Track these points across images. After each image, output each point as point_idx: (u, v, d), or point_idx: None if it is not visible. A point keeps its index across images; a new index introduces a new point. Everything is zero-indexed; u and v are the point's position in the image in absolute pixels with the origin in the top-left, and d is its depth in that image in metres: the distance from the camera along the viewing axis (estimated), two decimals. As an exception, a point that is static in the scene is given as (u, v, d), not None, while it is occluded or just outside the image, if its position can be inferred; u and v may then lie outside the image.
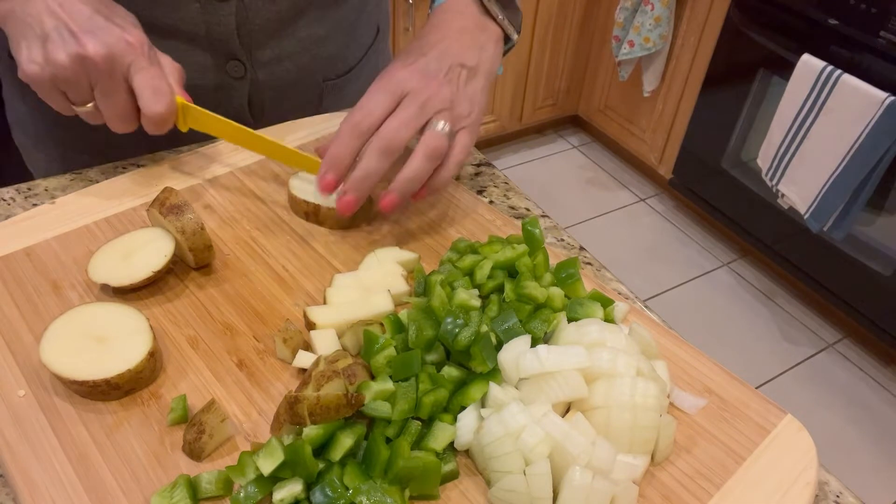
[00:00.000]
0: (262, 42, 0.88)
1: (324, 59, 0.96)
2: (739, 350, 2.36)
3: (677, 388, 0.60)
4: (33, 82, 0.67)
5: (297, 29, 0.90)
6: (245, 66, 0.89)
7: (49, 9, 0.66)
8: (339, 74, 1.00)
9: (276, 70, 0.92)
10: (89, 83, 0.68)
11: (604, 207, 2.94)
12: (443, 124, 0.70)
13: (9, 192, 0.80)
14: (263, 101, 0.94)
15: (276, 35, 0.89)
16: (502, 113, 2.98)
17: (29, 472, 0.52)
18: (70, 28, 0.66)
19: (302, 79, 0.95)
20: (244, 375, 0.60)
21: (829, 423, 2.15)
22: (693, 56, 2.54)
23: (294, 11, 0.88)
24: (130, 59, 0.68)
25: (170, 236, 0.67)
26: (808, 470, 0.55)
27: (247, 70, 0.89)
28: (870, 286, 2.17)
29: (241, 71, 0.89)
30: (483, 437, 0.52)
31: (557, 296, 0.63)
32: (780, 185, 2.21)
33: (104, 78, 0.67)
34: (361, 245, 0.74)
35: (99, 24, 0.67)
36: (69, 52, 0.65)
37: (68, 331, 0.58)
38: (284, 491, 0.49)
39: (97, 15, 0.67)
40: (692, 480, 0.54)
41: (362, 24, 1.00)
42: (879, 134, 1.88)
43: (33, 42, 0.66)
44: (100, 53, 0.66)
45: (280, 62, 0.91)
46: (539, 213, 0.83)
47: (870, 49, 1.94)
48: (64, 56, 0.65)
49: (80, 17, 0.66)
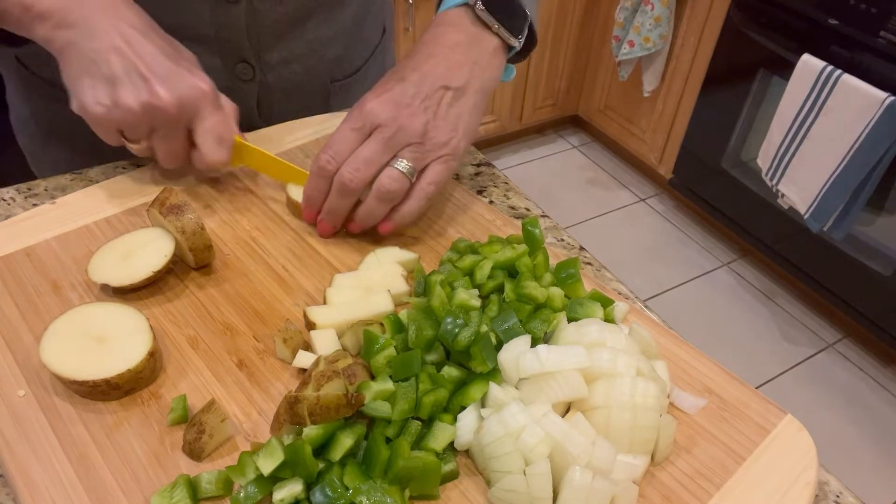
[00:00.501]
0: (270, 44, 0.88)
1: (331, 60, 0.96)
2: (739, 350, 2.36)
3: (677, 388, 0.60)
4: (95, 122, 0.68)
5: (305, 31, 0.90)
6: (254, 69, 0.89)
7: (116, 48, 0.65)
8: (346, 75, 1.00)
9: (284, 72, 0.92)
10: (151, 126, 0.69)
11: (604, 207, 2.94)
12: (403, 163, 0.69)
13: (9, 192, 0.80)
14: (272, 103, 0.94)
15: (284, 37, 0.89)
16: (502, 113, 2.98)
17: (29, 471, 0.52)
18: (141, 72, 0.65)
19: (310, 80, 0.95)
20: (244, 375, 0.60)
21: (829, 423, 2.15)
22: (693, 56, 2.54)
23: (302, 12, 0.88)
24: (199, 106, 0.69)
25: (170, 236, 0.67)
26: (808, 470, 0.55)
27: (255, 72, 0.89)
28: (870, 286, 2.17)
29: (250, 73, 0.89)
30: (483, 437, 0.52)
31: (557, 296, 0.63)
32: (780, 185, 2.21)
33: (170, 124, 0.68)
34: (361, 245, 0.74)
35: (170, 70, 0.67)
36: (141, 100, 0.65)
37: (68, 331, 0.58)
38: (284, 491, 0.49)
39: (167, 59, 0.67)
40: (692, 480, 0.54)
41: (368, 25, 1.00)
42: (879, 134, 1.88)
43: (99, 82, 0.65)
44: (172, 103, 0.66)
45: (288, 64, 0.92)
46: (539, 213, 0.83)
47: (870, 49, 1.94)
48: (135, 103, 0.65)
49: (150, 60, 0.66)
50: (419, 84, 0.71)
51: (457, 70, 0.72)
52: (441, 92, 0.71)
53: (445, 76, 0.72)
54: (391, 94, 0.70)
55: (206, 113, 0.70)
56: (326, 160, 0.70)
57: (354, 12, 0.95)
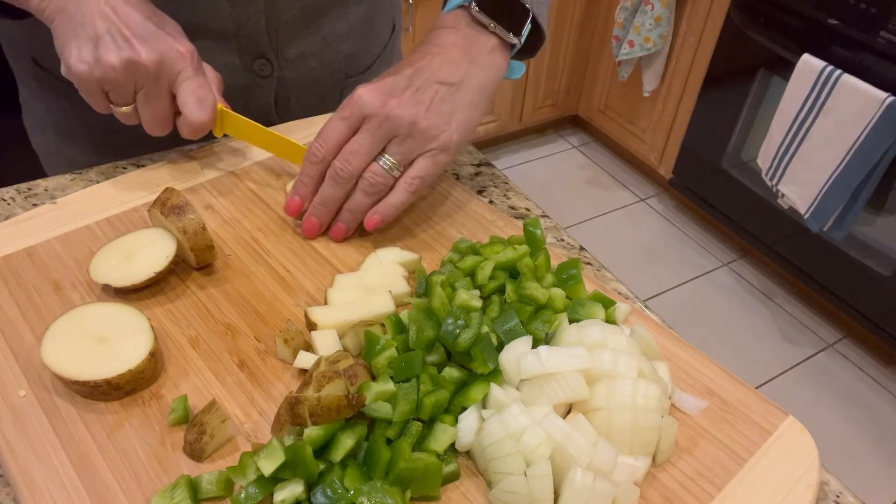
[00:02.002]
0: (288, 40, 0.89)
1: (346, 55, 0.97)
2: (739, 350, 2.36)
3: (679, 390, 0.60)
4: (79, 81, 0.69)
5: (321, 25, 0.91)
6: (272, 65, 0.90)
7: (102, 12, 0.68)
8: (359, 71, 1.01)
9: (301, 68, 0.93)
10: (134, 87, 0.70)
11: (604, 207, 2.94)
12: (387, 159, 0.71)
13: (9, 192, 0.80)
14: (289, 100, 0.95)
15: (301, 32, 0.90)
16: (502, 113, 2.98)
17: (30, 472, 0.52)
18: (123, 33, 0.68)
19: (325, 76, 0.96)
20: (245, 376, 0.60)
21: (829, 423, 2.15)
22: (693, 56, 2.54)
23: (317, 8, 0.89)
24: (180, 67, 0.70)
25: (171, 237, 0.67)
26: (809, 472, 0.55)
27: (273, 68, 0.90)
28: (870, 286, 2.17)
29: (269, 69, 0.90)
30: (484, 438, 0.52)
31: (559, 297, 0.63)
32: (780, 185, 2.21)
33: (151, 83, 0.70)
34: (363, 245, 0.74)
35: (151, 32, 0.69)
36: (122, 56, 0.67)
37: (69, 331, 0.58)
38: (285, 492, 0.49)
39: (149, 22, 0.69)
40: (693, 482, 0.54)
41: (379, 21, 1.01)
42: (879, 134, 1.88)
43: (84, 42, 0.68)
44: (152, 60, 0.68)
45: (305, 59, 0.92)
46: (539, 212, 0.83)
47: (870, 49, 1.94)
48: (116, 59, 0.67)
49: (133, 23, 0.68)
50: (412, 77, 0.71)
51: (452, 67, 0.73)
52: (435, 87, 0.72)
53: (440, 72, 0.72)
54: (382, 84, 0.71)
55: (186, 74, 0.71)
56: (316, 148, 0.72)
57: (366, 8, 0.96)
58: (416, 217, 0.78)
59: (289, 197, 0.74)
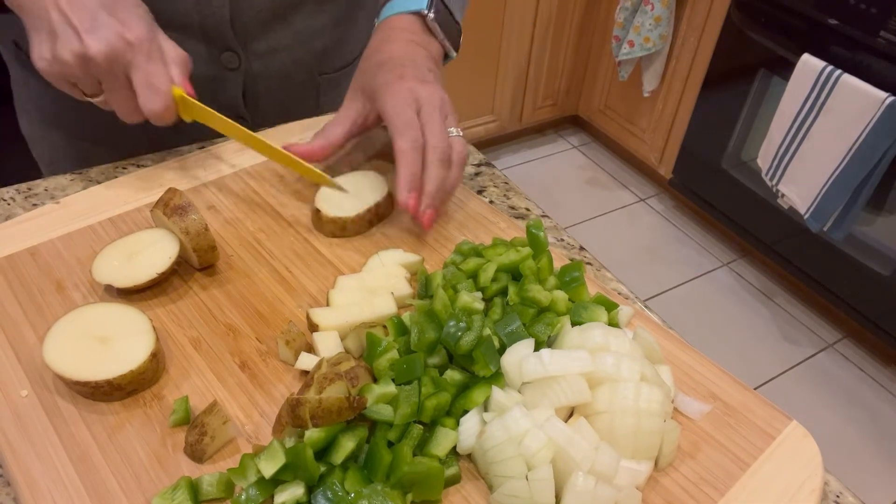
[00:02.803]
0: (256, 33, 0.89)
1: (318, 52, 0.96)
2: (739, 350, 2.36)
3: (682, 394, 0.60)
4: (45, 75, 0.69)
5: (293, 21, 0.91)
6: (240, 58, 0.89)
7: (55, 2, 0.67)
8: (335, 69, 1.00)
9: (270, 62, 0.92)
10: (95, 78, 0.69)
11: (604, 207, 2.93)
12: (455, 130, 0.73)
13: (9, 192, 0.79)
14: (258, 93, 0.94)
15: (271, 27, 0.89)
16: (502, 113, 2.97)
17: (30, 472, 0.52)
18: (73, 25, 0.66)
19: (297, 71, 0.96)
20: (246, 377, 0.60)
21: (829, 424, 2.16)
22: (693, 56, 2.53)
23: (289, 3, 0.89)
24: (129, 57, 0.69)
25: (174, 237, 0.67)
26: (813, 477, 0.55)
27: (241, 61, 0.90)
28: (870, 286, 2.17)
29: (236, 62, 0.89)
30: (485, 441, 0.52)
31: (561, 299, 0.63)
32: (780, 185, 2.21)
33: (106, 75, 0.69)
34: (365, 247, 0.74)
35: (101, 22, 0.67)
36: (73, 51, 0.66)
37: (71, 331, 0.58)
38: (286, 494, 0.49)
39: (101, 10, 0.68)
40: (696, 486, 0.54)
41: (360, 21, 1.00)
42: (879, 134, 1.87)
43: (43, 37, 0.67)
44: (100, 52, 0.67)
45: (275, 54, 0.92)
46: (539, 213, 0.83)
47: (870, 49, 1.94)
48: (68, 55, 0.66)
49: (83, 14, 0.67)
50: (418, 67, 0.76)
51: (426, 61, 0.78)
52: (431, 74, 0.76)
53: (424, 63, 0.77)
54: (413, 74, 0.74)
55: (137, 62, 0.69)
56: (414, 134, 0.71)
57: (344, 6, 0.95)
58: (418, 218, 0.78)
59: (403, 196, 0.70)
